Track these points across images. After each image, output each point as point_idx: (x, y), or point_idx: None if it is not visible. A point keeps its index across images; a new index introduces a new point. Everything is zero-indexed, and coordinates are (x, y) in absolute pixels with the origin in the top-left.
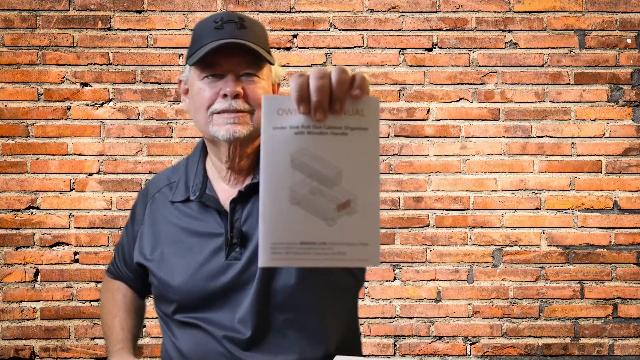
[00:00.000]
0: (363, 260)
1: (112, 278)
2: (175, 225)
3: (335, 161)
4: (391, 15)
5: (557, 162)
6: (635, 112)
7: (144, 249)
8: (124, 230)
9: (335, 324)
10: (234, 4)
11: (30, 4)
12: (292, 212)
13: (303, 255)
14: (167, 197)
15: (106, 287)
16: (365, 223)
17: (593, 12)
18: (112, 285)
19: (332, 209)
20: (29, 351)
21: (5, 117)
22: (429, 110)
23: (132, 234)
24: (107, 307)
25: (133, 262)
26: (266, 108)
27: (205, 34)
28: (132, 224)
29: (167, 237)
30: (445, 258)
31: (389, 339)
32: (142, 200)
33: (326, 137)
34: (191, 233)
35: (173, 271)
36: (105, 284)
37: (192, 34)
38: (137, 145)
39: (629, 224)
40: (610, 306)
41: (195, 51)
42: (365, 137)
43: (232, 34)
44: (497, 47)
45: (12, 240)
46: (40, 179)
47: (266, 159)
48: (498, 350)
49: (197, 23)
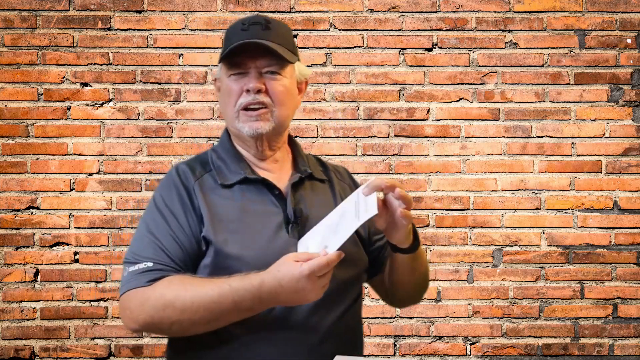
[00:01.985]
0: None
1: (150, 283)
2: (234, 206)
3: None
4: (391, 15)
5: (557, 162)
6: (635, 112)
7: (209, 229)
8: (163, 219)
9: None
10: (234, 4)
11: (30, 4)
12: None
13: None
14: (213, 181)
15: (162, 293)
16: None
17: (593, 12)
18: (168, 284)
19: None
20: (29, 351)
21: (5, 117)
22: (429, 110)
23: (187, 217)
24: (200, 291)
25: (193, 245)
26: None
27: (233, 35)
28: (182, 207)
29: (228, 216)
30: (445, 258)
31: (389, 339)
32: (180, 187)
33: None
34: (251, 212)
35: (246, 245)
36: (152, 295)
37: (224, 35)
38: (137, 145)
39: (629, 224)
40: (610, 306)
41: (225, 50)
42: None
43: (257, 34)
44: (497, 47)
45: (12, 240)
46: (40, 179)
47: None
48: (498, 350)
49: (229, 26)
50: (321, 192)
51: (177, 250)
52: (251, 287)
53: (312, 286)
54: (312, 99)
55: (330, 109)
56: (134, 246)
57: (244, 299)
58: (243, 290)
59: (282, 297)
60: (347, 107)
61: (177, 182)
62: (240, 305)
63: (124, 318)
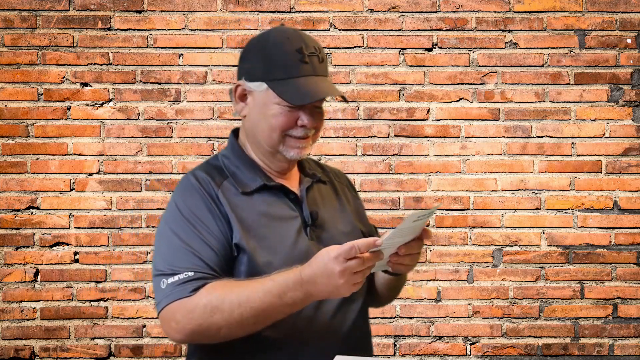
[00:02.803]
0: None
1: (193, 293)
2: (257, 212)
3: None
4: (391, 15)
5: (557, 162)
6: (635, 112)
7: (241, 236)
8: (193, 227)
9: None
10: (234, 4)
11: (30, 4)
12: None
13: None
14: (234, 188)
15: (209, 300)
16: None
17: (593, 12)
18: (212, 290)
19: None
20: (29, 351)
21: (5, 117)
22: (429, 110)
23: (217, 222)
24: (245, 290)
25: (226, 251)
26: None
27: (292, 64)
28: (210, 214)
29: (252, 222)
30: (445, 258)
31: (389, 339)
32: (203, 193)
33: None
34: (272, 218)
35: (274, 251)
36: (199, 303)
37: (269, 51)
38: (137, 145)
39: (629, 224)
40: (610, 306)
41: (283, 79)
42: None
43: (318, 69)
44: (497, 47)
45: (12, 240)
46: (40, 179)
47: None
48: (498, 350)
49: (273, 40)
50: (326, 194)
51: (213, 257)
52: (293, 276)
53: (341, 271)
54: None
55: (330, 109)
56: (167, 257)
57: (288, 290)
58: (285, 282)
59: (319, 285)
60: (347, 107)
61: (199, 188)
62: (285, 297)
63: (169, 330)
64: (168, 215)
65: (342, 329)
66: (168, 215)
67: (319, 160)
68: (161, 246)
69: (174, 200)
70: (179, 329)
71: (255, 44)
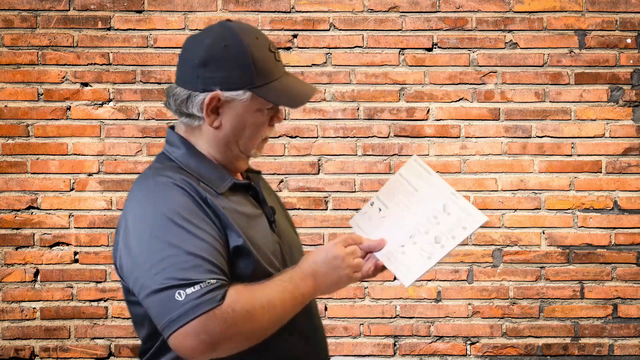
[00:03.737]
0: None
1: (221, 301)
2: (236, 211)
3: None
4: (391, 15)
5: (557, 162)
6: (635, 112)
7: (244, 238)
8: (197, 228)
9: None
10: (234, 4)
11: (30, 4)
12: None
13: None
14: (211, 190)
15: (242, 306)
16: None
17: (593, 12)
18: (238, 296)
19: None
20: (29, 351)
21: (5, 117)
22: (429, 110)
23: (215, 225)
24: (265, 291)
25: (229, 254)
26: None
27: (270, 66)
28: (206, 217)
29: (240, 222)
30: (445, 258)
31: (389, 339)
32: (193, 196)
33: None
34: (248, 216)
35: (266, 249)
36: (234, 309)
37: (246, 56)
38: (137, 145)
39: (629, 224)
40: (610, 306)
41: (267, 83)
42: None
43: (282, 64)
44: (497, 47)
45: (12, 240)
46: (40, 179)
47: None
48: (498, 350)
49: (246, 43)
50: (263, 186)
51: (223, 261)
52: (298, 272)
53: (344, 255)
54: (312, 98)
55: (330, 109)
56: (173, 269)
57: (299, 286)
58: (292, 278)
59: (323, 274)
60: (347, 107)
61: (185, 192)
62: (297, 294)
63: (199, 345)
64: (152, 224)
65: (324, 341)
66: (152, 224)
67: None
68: (156, 258)
69: (158, 209)
70: (212, 342)
71: (223, 49)
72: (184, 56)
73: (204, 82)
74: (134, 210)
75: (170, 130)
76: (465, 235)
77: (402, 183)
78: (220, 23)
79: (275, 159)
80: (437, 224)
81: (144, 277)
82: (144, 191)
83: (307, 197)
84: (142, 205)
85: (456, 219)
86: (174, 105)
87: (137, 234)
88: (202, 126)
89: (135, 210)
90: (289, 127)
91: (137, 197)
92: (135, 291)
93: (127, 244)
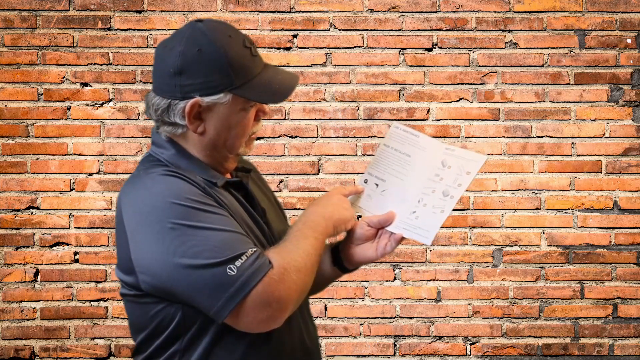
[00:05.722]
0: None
1: (271, 265)
2: (234, 208)
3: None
4: (391, 15)
5: (557, 162)
6: (635, 112)
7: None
8: (210, 206)
9: None
10: (234, 4)
11: (30, 4)
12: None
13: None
14: (209, 182)
15: (292, 265)
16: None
17: (593, 12)
18: (280, 257)
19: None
20: (29, 351)
21: (5, 117)
22: (429, 110)
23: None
24: (294, 245)
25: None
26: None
27: (248, 63)
28: (211, 200)
29: (241, 219)
30: (445, 258)
31: (389, 339)
32: (199, 188)
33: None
34: (240, 215)
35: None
36: (288, 269)
37: (222, 59)
38: (137, 145)
39: (629, 224)
40: (610, 306)
41: (246, 82)
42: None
43: (261, 57)
44: (497, 47)
45: (12, 240)
46: (40, 179)
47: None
48: (498, 350)
49: (219, 44)
50: (258, 182)
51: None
52: (301, 218)
53: (328, 192)
54: (312, 99)
55: (330, 109)
56: (208, 248)
57: (315, 227)
58: (301, 224)
59: (319, 207)
60: (347, 107)
61: (186, 181)
62: (317, 234)
63: (268, 311)
64: (167, 215)
65: (316, 345)
66: (167, 215)
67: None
68: (189, 243)
69: (165, 201)
70: (279, 304)
71: (197, 54)
72: (158, 66)
73: (182, 90)
74: (140, 211)
75: (156, 132)
76: (471, 179)
77: (391, 153)
78: (190, 25)
79: (275, 159)
80: (440, 180)
81: (176, 270)
82: (144, 189)
83: (307, 197)
84: (147, 201)
85: (458, 169)
86: (155, 115)
87: (154, 230)
88: (187, 133)
89: (142, 210)
90: (289, 127)
91: (137, 196)
92: (162, 287)
93: (142, 241)
